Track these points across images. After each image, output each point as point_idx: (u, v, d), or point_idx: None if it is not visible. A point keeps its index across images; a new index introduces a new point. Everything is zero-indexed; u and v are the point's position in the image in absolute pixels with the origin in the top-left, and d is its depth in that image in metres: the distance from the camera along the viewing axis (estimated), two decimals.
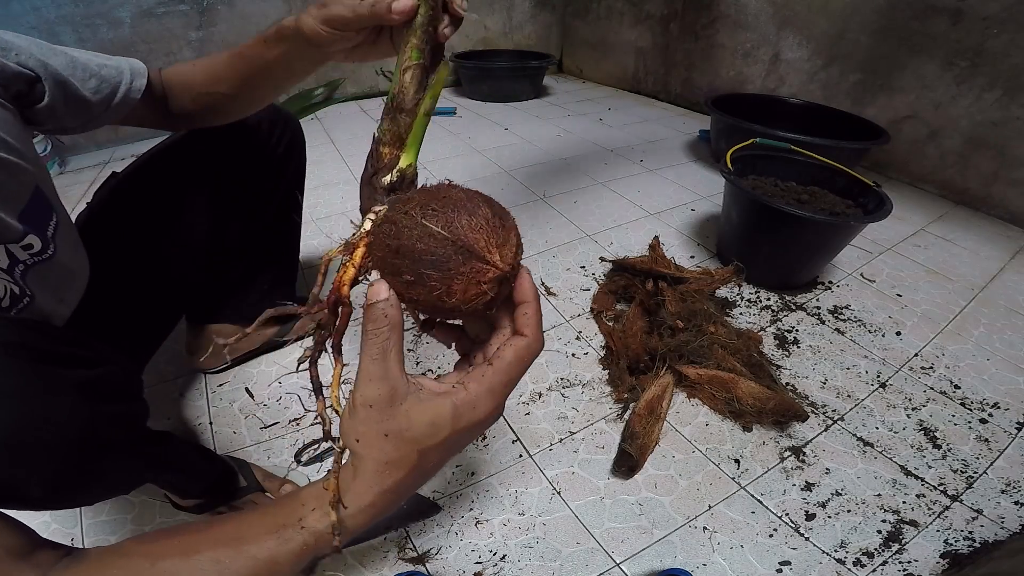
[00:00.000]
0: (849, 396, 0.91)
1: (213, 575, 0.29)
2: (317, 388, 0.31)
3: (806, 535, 0.70)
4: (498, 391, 0.28)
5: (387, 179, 0.34)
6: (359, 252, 0.30)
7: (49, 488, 0.38)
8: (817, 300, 1.14)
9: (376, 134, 0.35)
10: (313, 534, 0.29)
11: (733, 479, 0.77)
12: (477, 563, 0.66)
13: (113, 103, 0.54)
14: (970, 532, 0.70)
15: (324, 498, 0.29)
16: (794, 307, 1.12)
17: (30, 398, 0.37)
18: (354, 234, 0.31)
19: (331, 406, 0.30)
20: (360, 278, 0.30)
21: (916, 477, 0.77)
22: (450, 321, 0.34)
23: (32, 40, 0.48)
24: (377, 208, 0.31)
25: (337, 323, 0.31)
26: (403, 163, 0.34)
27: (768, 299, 1.14)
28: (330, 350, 0.30)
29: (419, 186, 0.32)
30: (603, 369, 0.95)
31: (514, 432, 0.83)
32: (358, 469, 0.29)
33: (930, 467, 0.79)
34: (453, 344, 0.35)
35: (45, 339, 0.40)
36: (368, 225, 0.30)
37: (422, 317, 0.34)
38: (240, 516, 0.32)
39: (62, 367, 0.40)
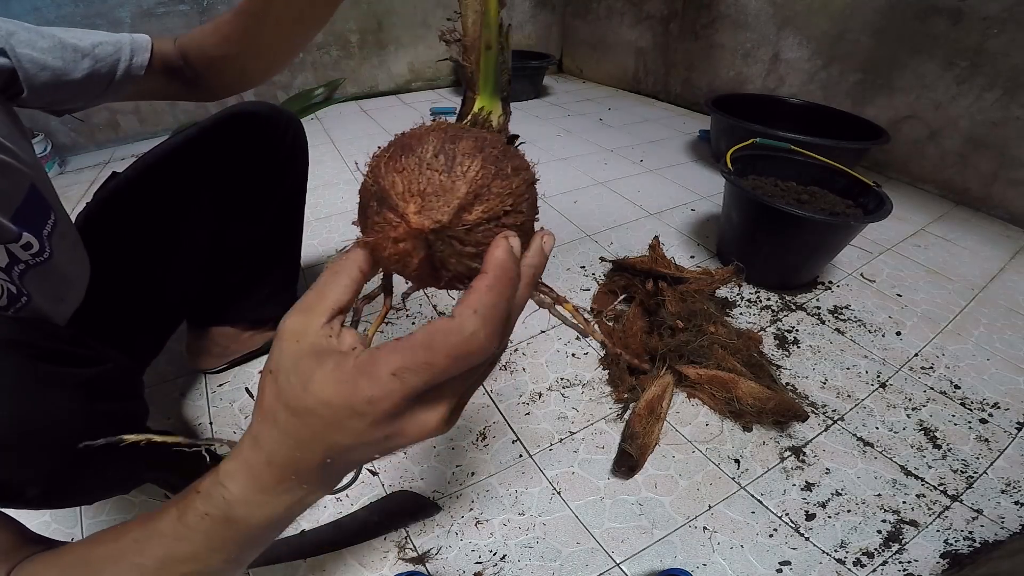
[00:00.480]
0: (849, 396, 0.91)
1: (133, 554, 0.27)
2: (355, 320, 0.27)
3: (806, 535, 0.70)
4: (381, 376, 0.20)
5: (460, 125, 0.29)
6: None
7: (45, 487, 0.38)
8: (817, 300, 1.14)
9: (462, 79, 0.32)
10: (203, 495, 0.25)
11: (733, 479, 0.77)
12: (477, 563, 0.66)
13: (114, 80, 0.52)
14: (970, 532, 0.70)
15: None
16: (794, 307, 1.12)
17: (27, 395, 0.37)
18: None
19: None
20: None
21: (916, 477, 0.77)
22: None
23: (20, 26, 0.46)
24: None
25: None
26: (475, 106, 0.30)
27: (768, 299, 1.14)
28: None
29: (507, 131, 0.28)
30: (603, 369, 0.95)
31: (514, 432, 0.83)
32: (252, 419, 0.24)
33: (930, 467, 0.79)
34: None
35: (44, 337, 0.40)
36: None
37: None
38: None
39: (61, 365, 0.40)
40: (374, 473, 0.76)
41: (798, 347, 1.01)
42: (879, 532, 0.70)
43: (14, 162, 0.44)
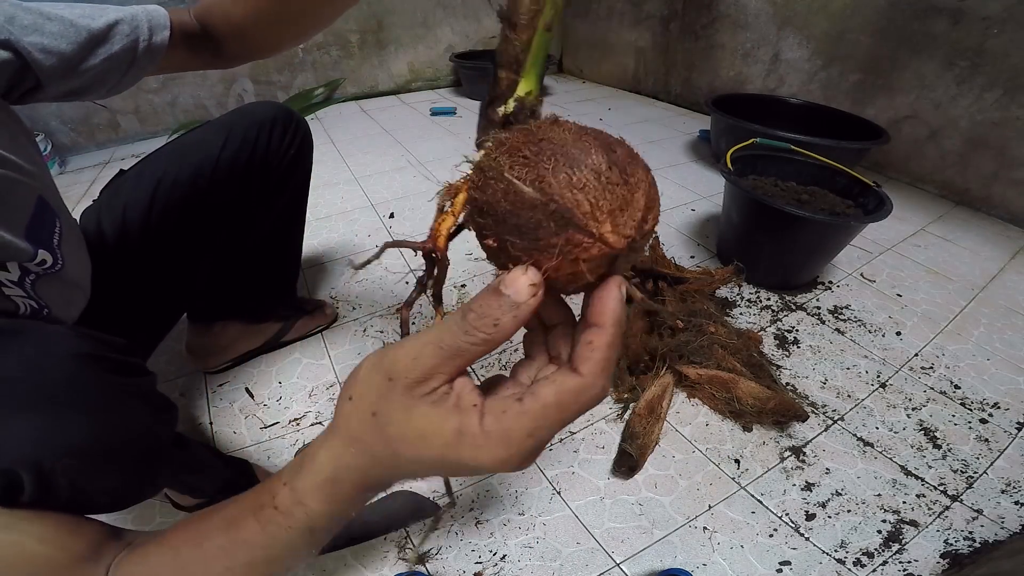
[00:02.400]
0: (849, 396, 0.91)
1: (223, 558, 0.29)
2: (405, 332, 0.27)
3: (806, 535, 0.70)
4: (516, 439, 0.20)
5: (502, 109, 0.28)
6: (460, 198, 0.24)
7: (115, 495, 0.39)
8: (817, 300, 1.14)
9: (496, 56, 0.29)
10: (284, 512, 0.26)
11: (733, 479, 0.77)
12: (477, 563, 0.66)
13: (134, 63, 0.49)
14: (970, 532, 0.70)
15: (295, 471, 0.26)
16: (794, 307, 1.12)
17: (107, 409, 0.37)
18: (459, 178, 0.25)
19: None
20: (460, 229, 0.25)
21: (916, 477, 0.77)
22: None
23: (18, 6, 0.41)
24: (481, 153, 0.24)
25: (435, 273, 0.26)
26: (521, 90, 0.27)
27: (768, 299, 1.14)
28: (430, 297, 0.27)
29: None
30: None
31: None
32: (328, 439, 0.25)
33: (930, 467, 0.79)
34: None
35: (109, 349, 0.41)
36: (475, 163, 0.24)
37: None
38: (235, 498, 0.30)
39: (125, 376, 0.41)
40: None
41: (798, 347, 1.01)
42: (879, 532, 0.70)
43: (19, 176, 0.42)
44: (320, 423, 0.84)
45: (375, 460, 0.23)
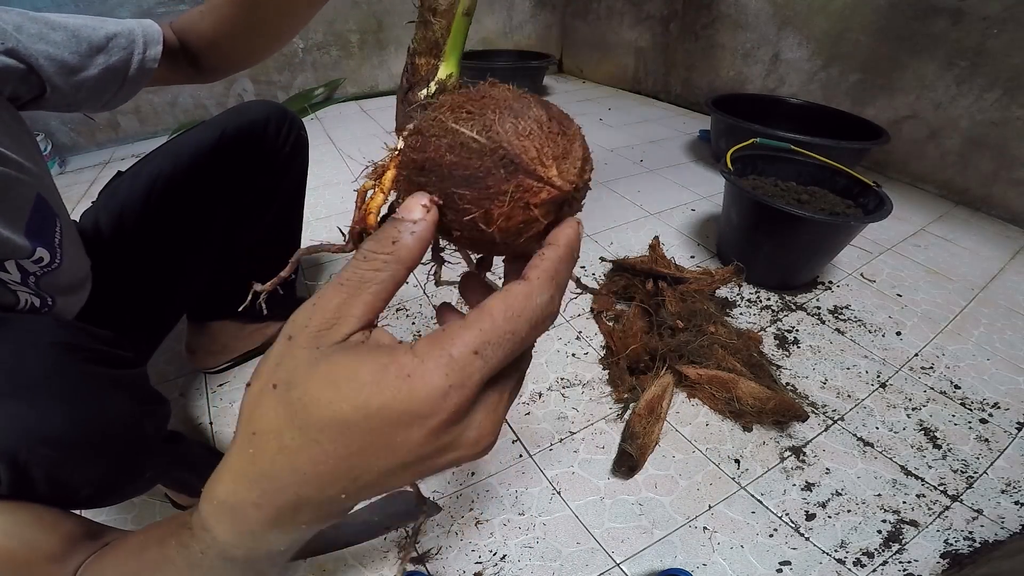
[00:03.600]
0: (849, 396, 0.91)
1: (155, 572, 0.25)
2: None
3: (806, 535, 0.70)
4: (460, 358, 0.16)
5: (423, 92, 0.28)
6: (388, 175, 0.24)
7: (97, 487, 0.38)
8: (817, 300, 1.14)
9: (410, 45, 0.29)
10: (197, 537, 0.22)
11: (733, 479, 0.77)
12: (477, 563, 0.66)
13: (128, 77, 0.50)
14: (970, 532, 0.70)
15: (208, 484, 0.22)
16: (794, 307, 1.12)
17: (88, 399, 0.37)
18: (385, 157, 0.25)
19: None
20: (391, 204, 0.24)
21: (916, 477, 0.77)
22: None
23: (25, 15, 0.43)
24: (410, 125, 0.25)
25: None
26: (442, 73, 0.28)
27: (768, 299, 1.14)
28: None
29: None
30: (603, 369, 0.95)
31: (514, 432, 0.83)
32: (230, 447, 0.20)
33: (930, 467, 0.79)
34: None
35: (92, 340, 0.41)
36: (401, 144, 0.24)
37: (474, 257, 0.27)
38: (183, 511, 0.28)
39: (110, 367, 0.41)
40: None
41: (798, 347, 1.01)
42: (879, 532, 0.70)
43: (19, 174, 0.42)
44: None
45: (288, 462, 0.17)
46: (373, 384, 0.16)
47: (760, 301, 1.13)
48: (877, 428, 0.85)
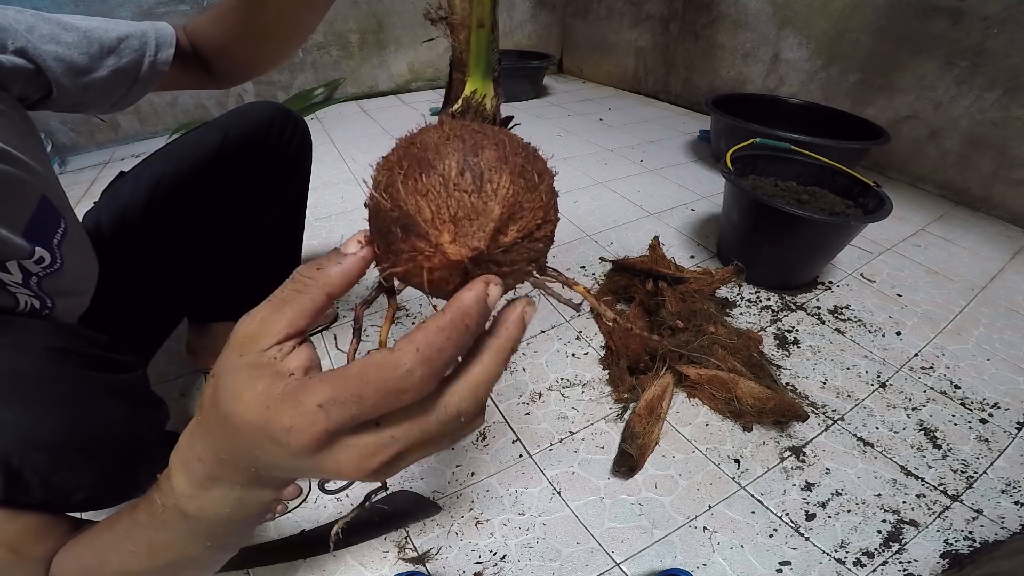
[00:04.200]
0: (849, 396, 0.91)
1: (126, 542, 0.29)
2: (357, 328, 0.26)
3: (806, 535, 0.70)
4: (304, 407, 0.19)
5: (451, 109, 0.28)
6: None
7: (92, 491, 0.39)
8: (817, 300, 1.14)
9: (450, 59, 0.29)
10: (161, 490, 0.25)
11: (733, 479, 0.77)
12: (477, 563, 0.66)
13: (138, 78, 0.49)
14: (970, 532, 0.70)
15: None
16: (794, 307, 1.12)
17: (83, 403, 0.37)
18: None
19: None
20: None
21: (916, 477, 0.77)
22: None
23: (39, 16, 0.43)
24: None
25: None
26: (467, 90, 0.28)
27: (768, 299, 1.14)
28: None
29: (502, 116, 0.26)
30: (603, 369, 0.95)
31: (514, 432, 0.83)
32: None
33: (930, 467, 0.79)
34: None
35: (89, 344, 0.41)
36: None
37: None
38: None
39: (105, 372, 0.41)
40: None
41: (798, 347, 1.01)
42: (879, 532, 0.70)
43: (25, 174, 0.42)
44: None
45: (211, 430, 0.22)
46: (252, 404, 0.20)
47: (760, 301, 1.13)
48: (877, 428, 0.85)
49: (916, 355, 1.00)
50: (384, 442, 0.19)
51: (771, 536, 0.69)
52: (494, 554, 0.67)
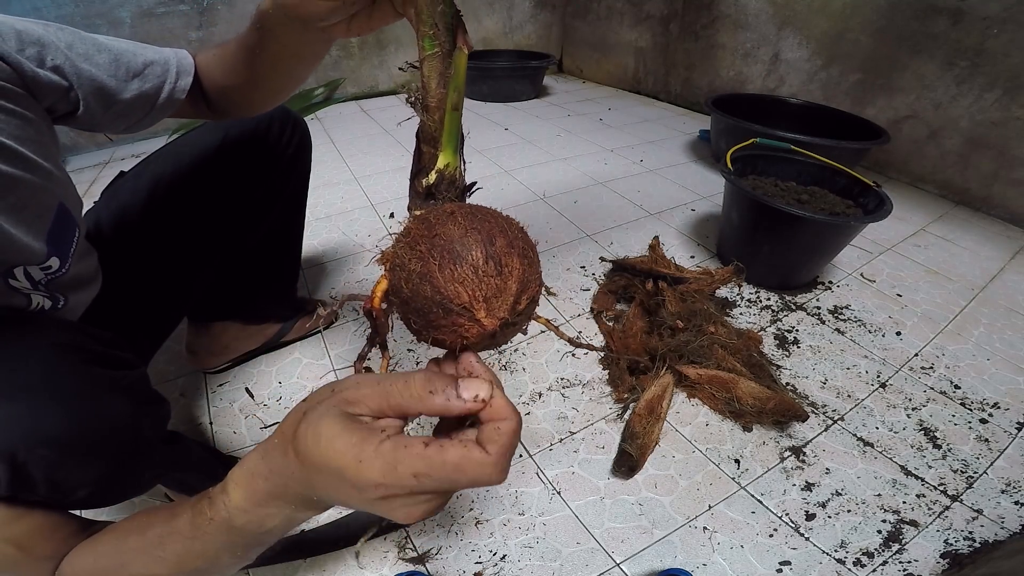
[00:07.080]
0: (849, 396, 0.91)
1: (156, 548, 0.31)
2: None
3: (806, 535, 0.70)
4: (400, 472, 0.22)
5: (425, 181, 0.32)
6: (381, 286, 0.29)
7: (95, 488, 0.39)
8: (817, 300, 1.14)
9: (417, 131, 0.33)
10: (212, 502, 0.28)
11: (733, 479, 0.77)
12: (477, 563, 0.66)
13: (156, 104, 0.50)
14: (970, 532, 0.70)
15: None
16: (794, 307, 1.12)
17: (87, 399, 0.37)
18: (392, 245, 0.30)
19: None
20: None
21: (916, 477, 0.77)
22: None
23: (76, 34, 0.44)
24: (416, 213, 0.30)
25: (377, 327, 0.31)
26: (440, 163, 0.32)
27: (768, 299, 1.14)
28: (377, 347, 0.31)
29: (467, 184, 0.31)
30: (603, 369, 0.95)
31: None
32: (269, 436, 0.27)
33: (930, 467, 0.79)
34: None
35: (93, 341, 0.41)
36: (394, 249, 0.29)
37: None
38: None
39: (109, 368, 0.41)
40: None
41: (798, 347, 1.01)
42: (879, 532, 0.70)
43: (47, 183, 0.43)
44: None
45: (288, 457, 0.25)
46: (344, 453, 0.23)
47: (760, 301, 1.13)
48: (877, 428, 0.85)
49: (916, 355, 1.00)
50: (437, 504, 0.24)
51: (771, 536, 0.69)
52: (494, 554, 0.67)
